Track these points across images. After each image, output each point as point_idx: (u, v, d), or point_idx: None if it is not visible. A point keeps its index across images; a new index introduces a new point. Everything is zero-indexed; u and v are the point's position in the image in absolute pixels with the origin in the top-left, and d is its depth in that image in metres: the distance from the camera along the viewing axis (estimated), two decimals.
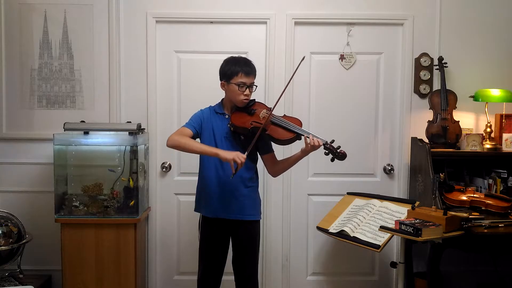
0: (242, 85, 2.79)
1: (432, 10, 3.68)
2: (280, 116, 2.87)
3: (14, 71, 3.66)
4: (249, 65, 2.85)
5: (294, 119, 2.88)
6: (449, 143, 3.50)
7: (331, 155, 2.72)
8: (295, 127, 2.80)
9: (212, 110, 2.94)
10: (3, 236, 3.30)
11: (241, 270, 2.93)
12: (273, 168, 2.98)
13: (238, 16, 3.66)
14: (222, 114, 2.90)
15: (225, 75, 2.83)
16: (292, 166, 2.95)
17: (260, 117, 2.83)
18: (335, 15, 3.68)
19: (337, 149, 2.71)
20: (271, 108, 2.88)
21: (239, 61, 2.85)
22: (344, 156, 2.71)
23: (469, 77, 3.70)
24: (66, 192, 3.50)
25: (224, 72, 2.84)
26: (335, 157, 2.72)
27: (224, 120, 2.88)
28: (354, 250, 3.67)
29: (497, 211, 3.04)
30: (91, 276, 3.34)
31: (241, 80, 2.79)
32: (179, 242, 3.78)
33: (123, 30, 3.66)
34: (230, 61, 2.86)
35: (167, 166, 3.74)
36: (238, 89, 2.80)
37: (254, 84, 2.86)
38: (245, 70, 2.80)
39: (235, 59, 2.87)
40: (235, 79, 2.79)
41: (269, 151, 2.96)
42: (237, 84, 2.79)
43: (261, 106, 2.94)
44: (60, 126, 3.47)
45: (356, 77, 3.74)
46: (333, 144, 2.73)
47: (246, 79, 2.80)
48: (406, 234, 2.63)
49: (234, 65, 2.82)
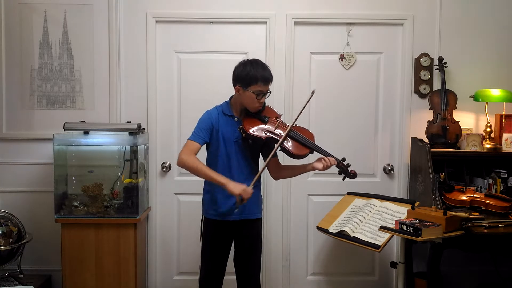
0: (259, 93, 2.69)
1: (432, 10, 3.68)
2: (293, 127, 2.79)
3: (14, 71, 3.66)
4: (268, 72, 2.72)
5: (307, 132, 2.84)
6: (449, 143, 3.50)
7: (344, 174, 2.80)
8: (310, 142, 2.77)
9: (220, 111, 2.81)
10: (3, 236, 3.30)
11: (243, 268, 2.92)
12: (277, 173, 2.97)
13: (238, 16, 3.66)
14: (231, 117, 2.79)
15: (243, 80, 2.69)
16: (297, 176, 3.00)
17: (274, 128, 2.76)
18: (335, 15, 3.67)
19: (348, 168, 2.79)
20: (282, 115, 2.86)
21: (258, 68, 2.69)
22: (355, 175, 2.81)
23: (469, 77, 3.70)
24: (66, 192, 3.50)
25: (242, 77, 2.69)
26: (347, 177, 2.81)
27: (234, 123, 2.79)
28: (354, 250, 3.68)
29: (497, 211, 3.04)
30: (91, 276, 3.34)
31: (259, 89, 2.68)
32: (179, 242, 3.78)
33: (123, 30, 3.66)
34: (249, 67, 2.70)
35: (167, 166, 3.74)
36: (256, 98, 2.69)
37: (269, 91, 2.76)
38: (265, 79, 2.68)
39: (254, 64, 2.71)
40: (253, 87, 2.67)
41: (273, 156, 2.89)
42: (256, 93, 2.68)
43: (272, 113, 2.85)
44: (60, 126, 3.47)
45: (356, 77, 3.74)
46: (344, 162, 2.79)
47: (264, 88, 2.69)
48: (406, 234, 2.63)
49: (254, 72, 2.67)
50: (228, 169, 2.78)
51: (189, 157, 2.69)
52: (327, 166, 2.74)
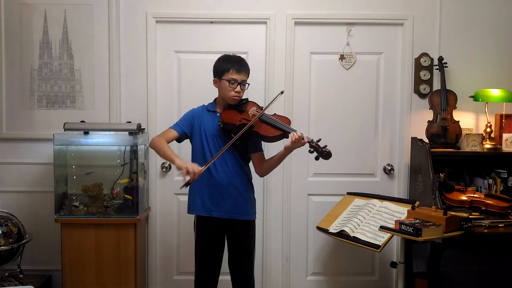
0: (233, 82, 2.82)
1: (432, 10, 3.68)
2: (270, 114, 2.87)
3: (14, 71, 3.66)
4: (241, 63, 2.87)
5: (283, 118, 2.88)
6: (449, 143, 3.50)
7: (316, 153, 2.69)
8: (283, 124, 2.79)
9: (205, 108, 2.96)
10: (3, 236, 3.30)
11: (237, 270, 2.93)
12: (260, 167, 2.95)
13: (238, 16, 3.66)
14: (213, 112, 2.92)
15: (217, 72, 2.88)
16: (277, 164, 2.90)
17: (250, 114, 2.84)
18: (335, 15, 3.68)
19: (322, 148, 2.68)
20: (262, 107, 2.90)
21: (231, 58, 2.88)
22: (329, 155, 2.67)
23: (469, 77, 3.70)
24: (66, 192, 3.50)
25: (216, 69, 2.89)
26: (320, 156, 2.68)
27: (215, 118, 2.89)
28: (354, 250, 3.67)
29: (497, 211, 3.04)
30: (91, 276, 3.34)
31: (232, 77, 2.82)
32: (179, 242, 3.78)
33: (123, 30, 3.66)
34: (223, 59, 2.89)
35: (167, 166, 3.74)
36: (229, 85, 2.82)
37: (246, 82, 2.87)
38: (237, 67, 2.83)
39: (228, 57, 2.90)
40: (226, 76, 2.82)
41: (258, 150, 2.93)
42: (228, 81, 2.82)
43: (253, 105, 2.93)
44: (60, 126, 3.47)
45: (356, 77, 3.74)
46: (319, 143, 2.70)
47: (237, 76, 2.82)
48: (406, 234, 2.63)
49: (226, 62, 2.85)
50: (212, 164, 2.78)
51: (158, 138, 2.87)
52: (296, 140, 2.66)
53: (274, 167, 2.93)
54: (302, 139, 2.68)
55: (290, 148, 2.75)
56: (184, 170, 2.60)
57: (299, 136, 2.67)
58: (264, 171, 2.95)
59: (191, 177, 2.60)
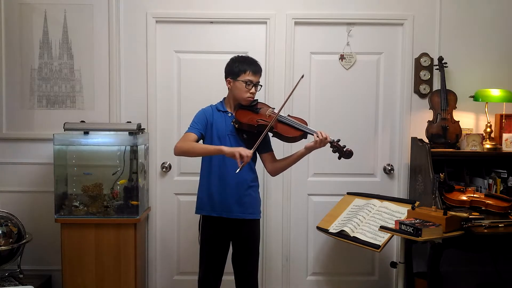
0: (249, 83, 2.84)
1: (432, 10, 3.68)
2: (286, 115, 2.92)
3: (14, 71, 3.66)
4: (257, 64, 2.91)
5: (300, 119, 2.93)
6: (449, 143, 3.50)
7: (338, 153, 2.78)
8: (302, 125, 2.85)
9: (214, 108, 2.96)
10: (3, 236, 3.30)
11: (242, 267, 2.94)
12: (273, 166, 2.98)
13: (238, 16, 3.66)
14: (224, 112, 2.92)
15: (232, 72, 2.88)
16: (294, 164, 2.96)
17: (266, 115, 2.87)
18: (335, 15, 3.68)
19: (343, 147, 2.76)
20: (274, 108, 2.94)
21: (247, 59, 2.91)
22: (350, 154, 2.77)
23: (469, 77, 3.70)
24: (66, 192, 3.50)
25: (231, 69, 2.89)
26: (342, 155, 2.77)
27: (227, 118, 2.90)
28: (354, 250, 3.67)
29: (497, 211, 3.04)
30: (91, 276, 3.34)
31: (248, 78, 2.84)
32: (179, 242, 3.78)
33: (123, 30, 3.66)
34: (238, 60, 2.91)
35: (167, 166, 3.74)
36: (245, 87, 2.84)
37: (259, 84, 2.91)
38: (253, 69, 2.86)
39: (243, 58, 2.92)
40: (242, 77, 2.84)
41: (269, 150, 2.99)
42: (244, 82, 2.83)
43: (265, 106, 2.98)
44: (60, 126, 3.47)
45: (356, 77, 3.74)
46: (339, 143, 2.78)
47: (253, 77, 2.85)
48: (406, 234, 2.63)
49: (242, 64, 2.87)
50: (223, 162, 2.82)
51: (183, 143, 2.81)
52: (321, 140, 2.73)
53: (289, 167, 2.99)
54: (326, 139, 2.73)
55: (311, 148, 2.80)
56: (237, 154, 2.62)
57: (324, 137, 2.73)
58: (278, 170, 2.99)
59: (245, 160, 2.63)
